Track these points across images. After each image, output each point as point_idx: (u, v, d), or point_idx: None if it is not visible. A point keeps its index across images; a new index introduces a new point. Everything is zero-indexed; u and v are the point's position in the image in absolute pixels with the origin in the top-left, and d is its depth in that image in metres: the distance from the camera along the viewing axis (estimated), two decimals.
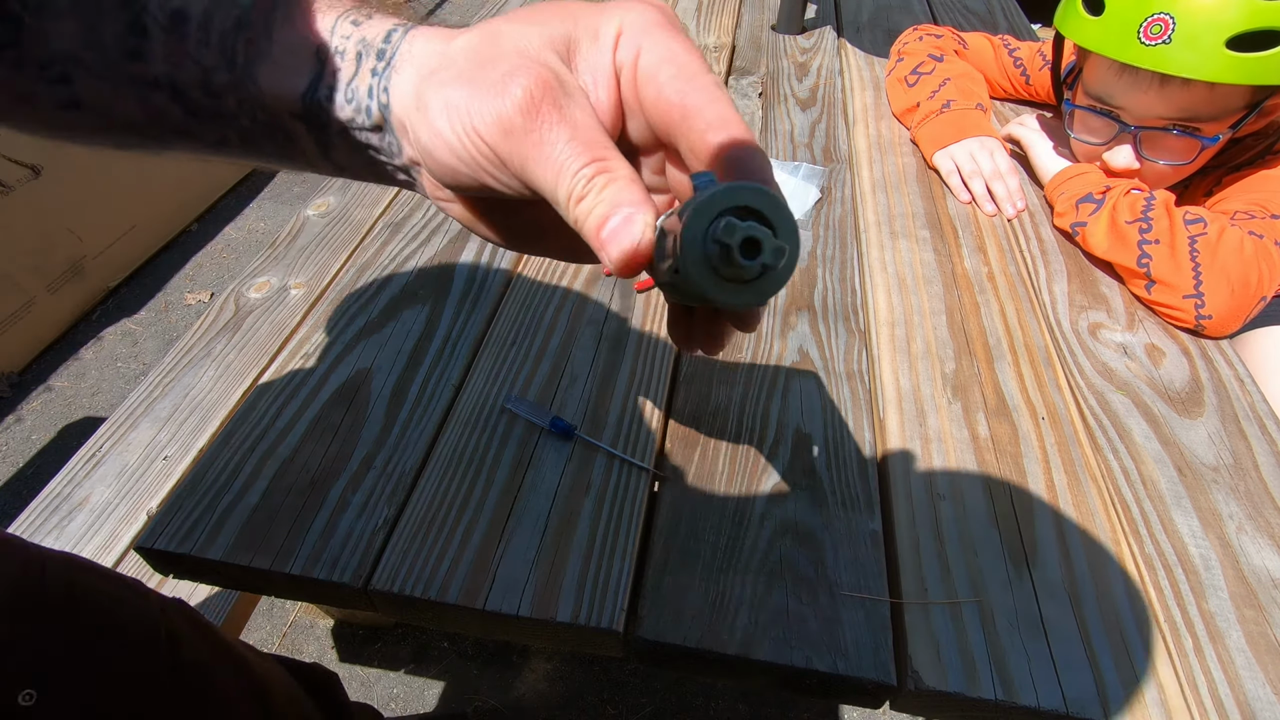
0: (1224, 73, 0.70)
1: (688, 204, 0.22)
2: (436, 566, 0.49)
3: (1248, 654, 0.47)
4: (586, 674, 1.36)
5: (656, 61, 0.25)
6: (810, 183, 0.89)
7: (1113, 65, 0.77)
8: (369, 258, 0.75)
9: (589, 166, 0.24)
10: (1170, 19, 0.70)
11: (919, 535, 0.53)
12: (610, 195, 0.24)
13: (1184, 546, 0.54)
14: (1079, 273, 0.79)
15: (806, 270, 0.77)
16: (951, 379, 0.66)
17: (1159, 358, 0.70)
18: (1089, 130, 0.84)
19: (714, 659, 0.46)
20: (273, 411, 0.59)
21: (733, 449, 0.58)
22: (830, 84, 1.13)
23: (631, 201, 0.23)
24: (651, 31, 0.25)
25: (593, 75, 0.26)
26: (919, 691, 0.44)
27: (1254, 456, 0.61)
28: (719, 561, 0.50)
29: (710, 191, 0.21)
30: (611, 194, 0.24)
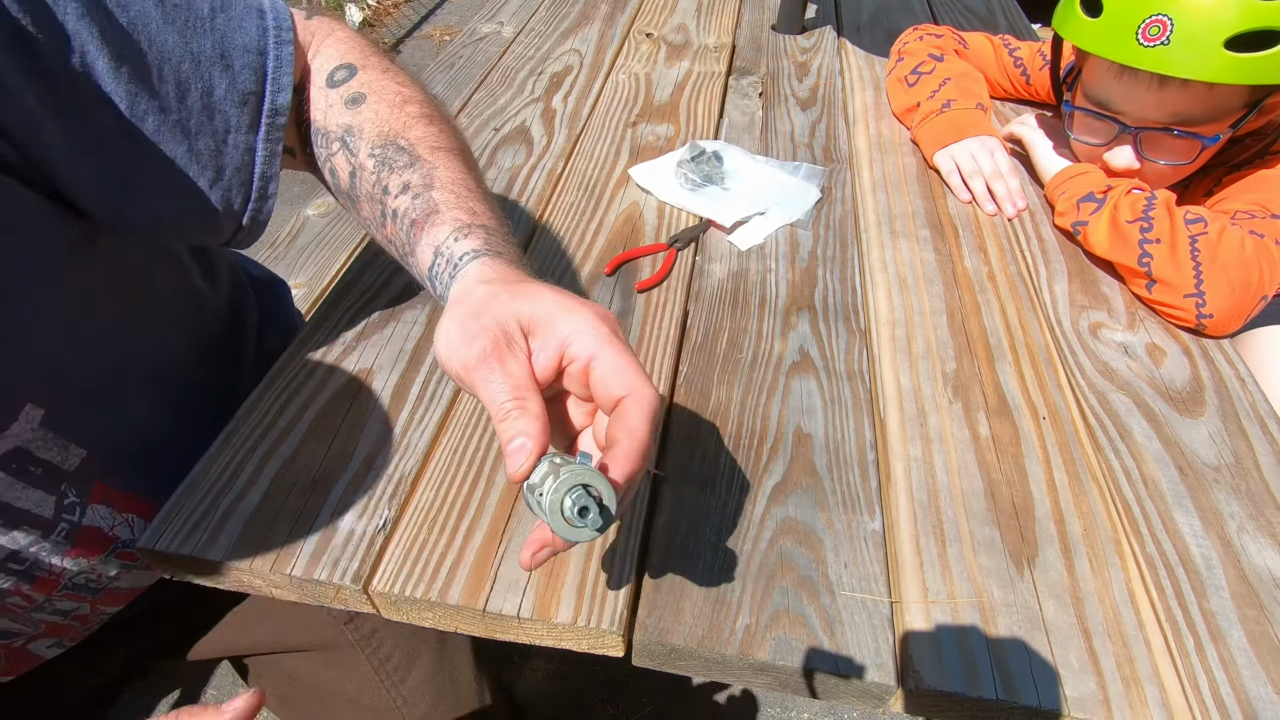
0: (1223, 73, 0.70)
1: (562, 470, 0.35)
2: (438, 567, 0.49)
3: (1249, 653, 0.47)
4: (586, 674, 1.36)
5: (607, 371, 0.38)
6: (810, 183, 0.89)
7: (1111, 66, 0.77)
8: (370, 257, 0.75)
9: (510, 402, 0.37)
10: (1169, 20, 0.70)
11: (920, 535, 0.53)
12: (518, 425, 0.36)
13: (1185, 546, 0.54)
14: (1080, 272, 0.79)
15: (807, 270, 0.77)
16: (952, 379, 0.66)
17: (1160, 357, 0.70)
18: (1089, 131, 0.84)
19: (714, 659, 0.46)
20: (274, 411, 0.59)
21: (733, 449, 0.58)
22: (830, 84, 1.13)
23: (527, 433, 0.36)
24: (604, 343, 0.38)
25: (544, 345, 0.39)
26: (920, 691, 0.44)
27: (1255, 456, 0.61)
28: (720, 561, 0.50)
29: (568, 474, 0.34)
30: (519, 425, 0.36)
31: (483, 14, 1.32)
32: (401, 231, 0.51)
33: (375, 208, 0.53)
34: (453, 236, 0.47)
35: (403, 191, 0.51)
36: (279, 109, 0.51)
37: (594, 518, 0.34)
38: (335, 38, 0.57)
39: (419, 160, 0.52)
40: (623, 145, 0.96)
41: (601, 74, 1.12)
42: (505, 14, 1.31)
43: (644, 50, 1.20)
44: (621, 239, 0.79)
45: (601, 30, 1.26)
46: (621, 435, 0.37)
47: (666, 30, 1.27)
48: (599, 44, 1.21)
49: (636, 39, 1.23)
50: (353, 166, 0.53)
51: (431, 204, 0.49)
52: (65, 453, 0.50)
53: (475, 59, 1.15)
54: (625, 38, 1.23)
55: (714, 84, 1.11)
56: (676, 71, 1.14)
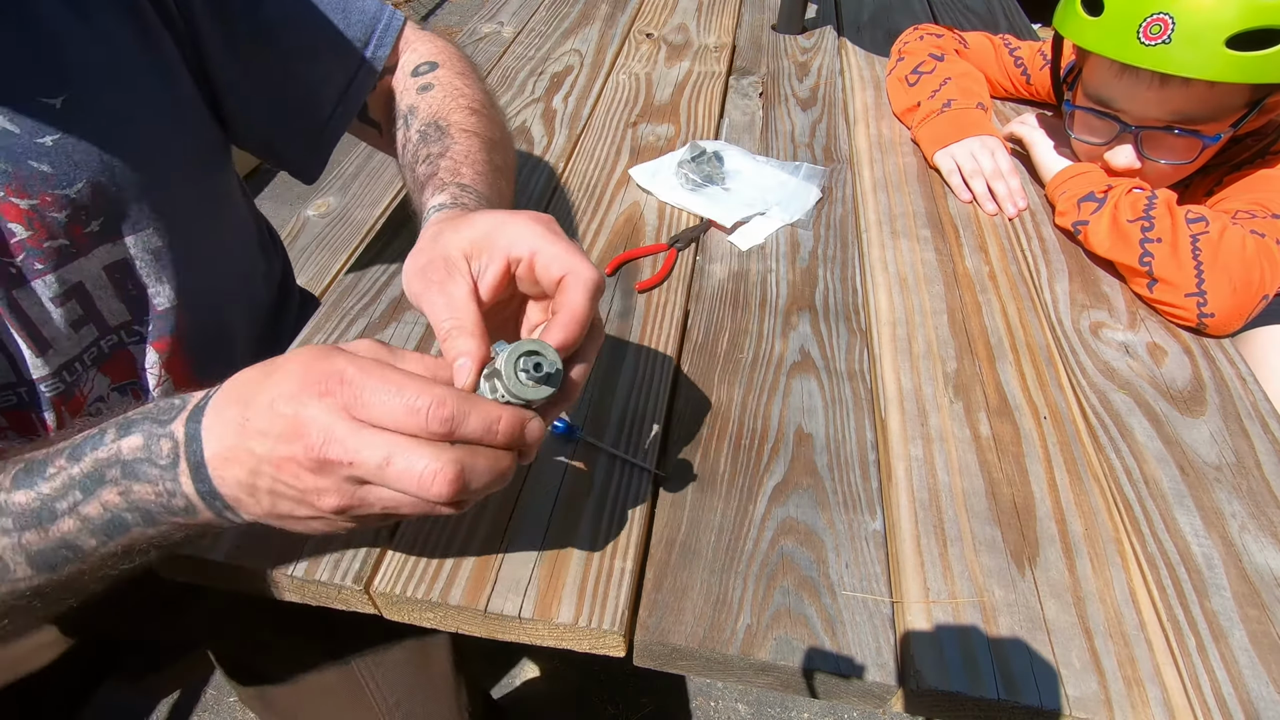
0: (1224, 72, 0.70)
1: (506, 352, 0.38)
2: (439, 568, 0.49)
3: (1251, 653, 0.47)
4: (587, 674, 1.36)
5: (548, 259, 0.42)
6: (811, 182, 0.89)
7: (1112, 65, 0.77)
8: (370, 258, 0.75)
9: (448, 321, 0.40)
10: (1170, 19, 0.70)
11: (921, 535, 0.53)
12: (458, 345, 0.39)
13: (1186, 545, 0.54)
14: (1080, 272, 0.79)
15: (808, 270, 0.77)
16: (953, 378, 0.66)
17: (1161, 356, 0.70)
18: (1090, 130, 0.84)
19: (715, 659, 0.46)
20: None
21: (734, 449, 0.58)
22: (831, 84, 1.13)
23: (466, 351, 0.39)
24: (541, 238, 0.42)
25: (489, 260, 0.43)
26: (921, 691, 0.44)
27: (1256, 455, 0.61)
28: (720, 562, 0.50)
29: (513, 346, 0.38)
30: (458, 344, 0.39)
31: (483, 14, 1.32)
32: (416, 196, 0.60)
33: (411, 175, 0.62)
34: (431, 194, 0.55)
35: (423, 161, 0.60)
36: (376, 61, 0.67)
37: (546, 374, 0.38)
38: (433, 43, 0.71)
39: (446, 137, 0.62)
40: (623, 145, 0.96)
41: (602, 74, 1.12)
42: (505, 14, 1.31)
43: (644, 50, 1.20)
44: (622, 239, 0.79)
45: (602, 30, 1.26)
46: (560, 308, 0.41)
47: (667, 30, 1.27)
48: (599, 44, 1.21)
49: (637, 39, 1.23)
50: (405, 140, 0.65)
51: (434, 170, 0.58)
52: (160, 286, 0.62)
53: (475, 59, 1.15)
54: (625, 38, 1.23)
55: (714, 84, 1.11)
56: (677, 71, 1.14)
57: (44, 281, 0.55)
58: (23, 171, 0.51)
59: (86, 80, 0.53)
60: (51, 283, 0.55)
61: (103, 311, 0.59)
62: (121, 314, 0.61)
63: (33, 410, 0.59)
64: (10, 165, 0.51)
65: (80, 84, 0.53)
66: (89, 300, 0.58)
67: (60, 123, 0.52)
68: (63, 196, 0.53)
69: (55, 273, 0.55)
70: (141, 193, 0.58)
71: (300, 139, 0.69)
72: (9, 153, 0.51)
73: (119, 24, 0.55)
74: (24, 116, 0.51)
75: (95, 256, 0.58)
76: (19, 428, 0.58)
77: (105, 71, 0.55)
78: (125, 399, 0.64)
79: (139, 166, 0.57)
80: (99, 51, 0.54)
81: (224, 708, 1.33)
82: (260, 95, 0.66)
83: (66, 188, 0.53)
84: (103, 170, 0.55)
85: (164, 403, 0.39)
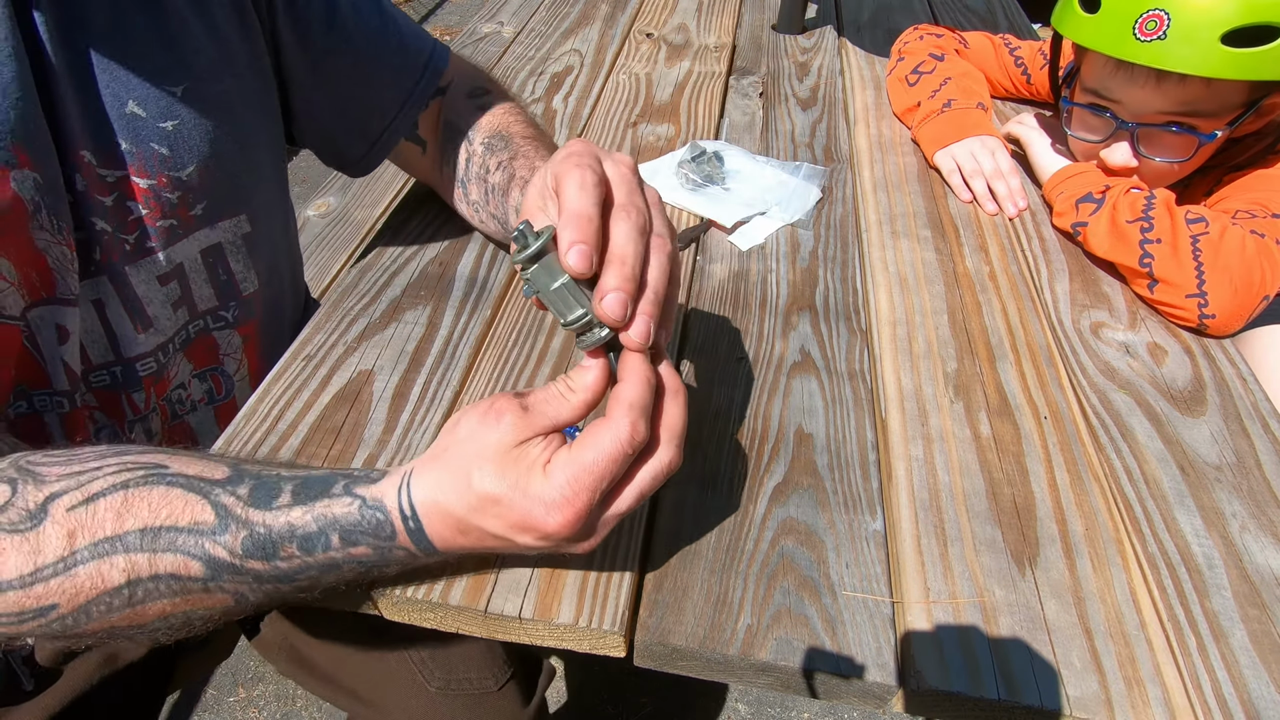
0: (1220, 68, 0.70)
1: None
2: (439, 568, 0.49)
3: (1251, 653, 0.47)
4: (587, 674, 1.36)
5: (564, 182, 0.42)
6: (811, 182, 0.89)
7: (1109, 62, 0.77)
8: (370, 258, 0.75)
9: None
10: (1165, 15, 0.71)
11: (921, 535, 0.53)
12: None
13: (1187, 545, 0.54)
14: (1081, 272, 0.79)
15: (808, 270, 0.77)
16: (953, 378, 0.66)
17: (1161, 356, 0.70)
18: (1087, 128, 0.84)
19: (716, 660, 0.46)
20: (275, 413, 0.59)
21: (734, 449, 0.58)
22: (831, 84, 1.13)
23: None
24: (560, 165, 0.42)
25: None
26: (921, 691, 0.44)
27: (1257, 455, 0.61)
28: (721, 562, 0.50)
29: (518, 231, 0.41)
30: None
31: (483, 14, 1.32)
32: (495, 201, 0.67)
33: (481, 187, 0.69)
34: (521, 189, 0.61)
35: (498, 168, 0.66)
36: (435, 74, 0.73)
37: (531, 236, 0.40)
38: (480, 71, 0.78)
39: (511, 144, 0.68)
40: (623, 146, 0.96)
41: (602, 74, 1.12)
42: (505, 14, 1.31)
43: (644, 50, 1.20)
44: None
45: (602, 30, 1.26)
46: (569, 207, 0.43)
47: (667, 30, 1.27)
48: (599, 44, 1.21)
49: (637, 39, 1.23)
50: (469, 154, 0.70)
51: (512, 173, 0.64)
52: (248, 272, 0.66)
53: (475, 59, 1.15)
54: (625, 38, 1.23)
55: (714, 84, 1.11)
56: (677, 71, 1.14)
57: (153, 259, 0.59)
58: (145, 153, 0.55)
59: (202, 70, 0.58)
60: (160, 260, 0.59)
61: (195, 296, 0.63)
62: (210, 299, 0.65)
63: (124, 390, 0.61)
64: (135, 146, 0.55)
65: (197, 73, 0.57)
66: (186, 282, 0.62)
67: (179, 109, 0.57)
68: (176, 178, 0.58)
69: (164, 251, 0.59)
70: (240, 178, 0.63)
71: (363, 140, 0.73)
72: (135, 135, 0.55)
73: (227, 18, 0.60)
74: (150, 102, 0.55)
75: (196, 239, 0.62)
76: (107, 408, 0.61)
77: (218, 63, 0.59)
78: (205, 385, 0.68)
79: (241, 153, 0.62)
80: (213, 43, 0.59)
81: (224, 708, 1.32)
82: (329, 97, 0.70)
83: (180, 170, 0.58)
84: (211, 155, 0.59)
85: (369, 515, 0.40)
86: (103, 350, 0.59)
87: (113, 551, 0.38)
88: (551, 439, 0.40)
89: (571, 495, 0.37)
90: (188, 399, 0.68)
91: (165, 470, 0.41)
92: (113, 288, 0.58)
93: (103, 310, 0.58)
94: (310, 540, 0.40)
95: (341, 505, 0.40)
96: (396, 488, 0.40)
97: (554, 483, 0.37)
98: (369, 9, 0.69)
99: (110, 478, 0.39)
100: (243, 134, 0.62)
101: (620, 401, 0.39)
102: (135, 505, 0.39)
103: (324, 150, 0.76)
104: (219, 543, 0.39)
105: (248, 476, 0.41)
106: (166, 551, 0.38)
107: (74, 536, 0.38)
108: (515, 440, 0.39)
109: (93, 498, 0.39)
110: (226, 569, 0.39)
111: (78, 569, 0.37)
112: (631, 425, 0.38)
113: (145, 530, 0.38)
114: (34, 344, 0.54)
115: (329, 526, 0.40)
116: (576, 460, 0.37)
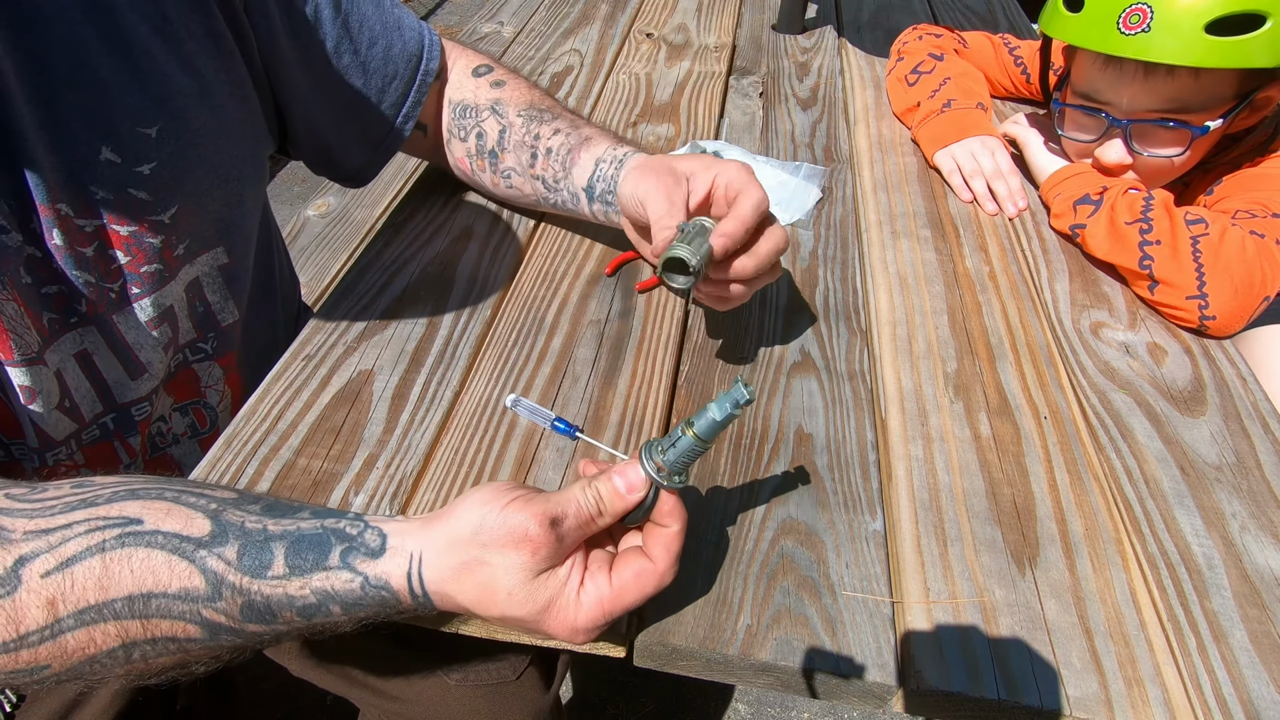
0: (1205, 57, 0.70)
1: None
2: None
3: (1251, 653, 0.47)
4: (587, 674, 1.36)
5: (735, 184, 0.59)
6: (811, 182, 0.89)
7: (1097, 59, 0.77)
8: (370, 258, 0.75)
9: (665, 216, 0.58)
10: (1148, 8, 0.71)
11: (921, 535, 0.53)
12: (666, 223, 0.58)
13: (1187, 545, 0.54)
14: (1080, 272, 0.79)
15: (808, 270, 0.77)
16: (953, 378, 0.66)
17: (1161, 356, 0.70)
18: (1079, 128, 0.84)
19: (716, 660, 0.46)
20: (275, 413, 0.59)
21: (734, 449, 0.58)
22: (831, 84, 1.13)
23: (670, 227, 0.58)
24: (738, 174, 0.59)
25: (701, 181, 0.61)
26: (921, 691, 0.44)
27: (1256, 455, 0.61)
28: (721, 562, 0.50)
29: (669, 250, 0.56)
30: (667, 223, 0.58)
31: (483, 14, 1.32)
32: (556, 161, 0.69)
33: (525, 152, 0.71)
34: (612, 147, 0.67)
35: (555, 134, 0.70)
36: (430, 71, 0.72)
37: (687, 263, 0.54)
38: (471, 51, 0.78)
39: (562, 115, 0.71)
40: None
41: (602, 74, 1.12)
42: (505, 14, 1.31)
43: (644, 50, 1.20)
44: (622, 239, 0.79)
45: (602, 30, 1.26)
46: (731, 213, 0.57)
47: (667, 30, 1.27)
48: (599, 44, 1.21)
49: (637, 39, 1.23)
50: (503, 125, 0.72)
51: (585, 135, 0.69)
52: (226, 303, 0.65)
53: None
54: (625, 38, 1.23)
55: (714, 84, 1.11)
56: (677, 71, 1.14)
57: (141, 305, 0.58)
58: (123, 199, 0.53)
59: (177, 108, 0.55)
60: (148, 306, 0.58)
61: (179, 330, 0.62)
62: (189, 332, 0.64)
63: (118, 437, 0.61)
64: (112, 194, 0.53)
65: (172, 112, 0.55)
66: (175, 322, 0.62)
67: (155, 151, 0.54)
68: (157, 221, 0.56)
69: (151, 296, 0.58)
70: (220, 213, 0.61)
71: (363, 148, 0.74)
72: (112, 182, 0.52)
73: (202, 49, 0.57)
74: (125, 146, 0.53)
75: (180, 278, 0.60)
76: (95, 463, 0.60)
77: (193, 98, 0.56)
78: (187, 418, 0.67)
79: (220, 188, 0.61)
80: (187, 79, 0.56)
81: None
82: (327, 107, 0.69)
83: (161, 213, 0.56)
84: (191, 194, 0.58)
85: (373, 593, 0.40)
86: (92, 403, 0.58)
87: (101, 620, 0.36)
88: (578, 556, 0.41)
89: (601, 622, 0.40)
90: (169, 431, 0.67)
91: (140, 527, 0.38)
92: (101, 337, 0.56)
93: (89, 361, 0.57)
94: (310, 609, 0.39)
95: (341, 580, 0.39)
96: (405, 572, 0.39)
97: (586, 614, 0.40)
98: (370, 10, 0.68)
99: (83, 539, 0.37)
100: (223, 168, 0.60)
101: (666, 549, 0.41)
102: (116, 572, 0.37)
103: (320, 161, 0.75)
104: (215, 609, 0.38)
105: (231, 532, 0.39)
106: (160, 618, 0.37)
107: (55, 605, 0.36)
108: (546, 566, 0.40)
109: (68, 563, 0.36)
110: (225, 631, 0.38)
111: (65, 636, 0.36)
112: (671, 572, 0.41)
113: (132, 597, 0.37)
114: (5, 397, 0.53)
115: (329, 600, 0.39)
116: (614, 598, 0.40)
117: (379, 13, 0.69)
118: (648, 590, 0.41)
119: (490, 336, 0.67)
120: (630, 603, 0.40)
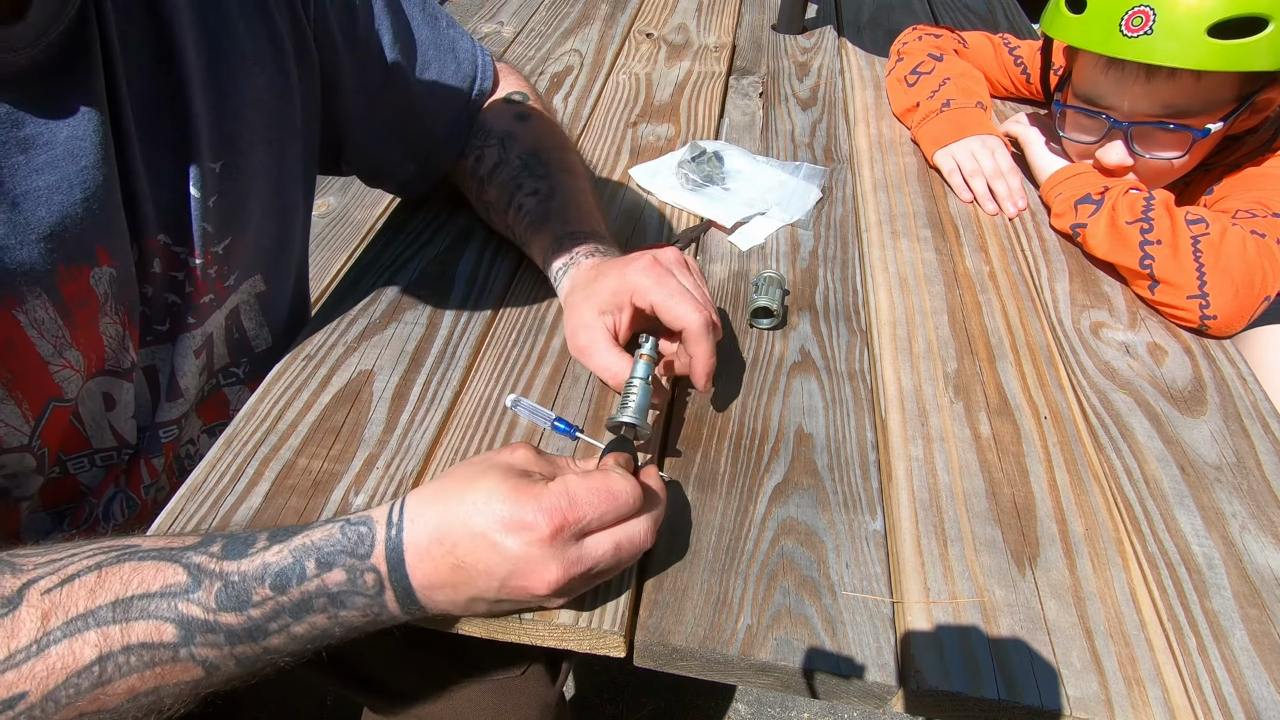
0: (1207, 60, 0.70)
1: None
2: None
3: (1251, 653, 0.47)
4: (587, 674, 1.36)
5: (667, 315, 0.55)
6: (811, 182, 0.89)
7: (1099, 62, 0.77)
8: (370, 258, 0.75)
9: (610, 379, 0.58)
10: (1150, 10, 0.71)
11: (921, 535, 0.53)
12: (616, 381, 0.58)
13: (1187, 545, 0.54)
14: (1081, 271, 0.79)
15: (808, 270, 0.77)
16: (953, 378, 0.66)
17: (1161, 356, 0.70)
18: (1080, 129, 0.84)
19: (716, 660, 0.46)
20: (275, 413, 0.59)
21: (734, 449, 0.58)
22: (831, 84, 1.13)
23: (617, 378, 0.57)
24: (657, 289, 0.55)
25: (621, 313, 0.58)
26: (921, 691, 0.44)
27: (1257, 455, 0.61)
28: (721, 562, 0.50)
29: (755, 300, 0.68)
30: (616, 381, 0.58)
31: (483, 14, 1.32)
32: (520, 225, 0.69)
33: (505, 195, 0.71)
34: (553, 249, 0.65)
35: (531, 194, 0.69)
36: (484, 93, 0.75)
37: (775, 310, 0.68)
38: (516, 74, 0.81)
39: (550, 174, 0.70)
40: (623, 146, 0.96)
41: (602, 74, 1.12)
42: (505, 14, 1.31)
43: (644, 50, 1.20)
44: (622, 239, 0.79)
45: (602, 30, 1.26)
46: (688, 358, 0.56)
47: (667, 30, 1.27)
48: (599, 44, 1.21)
49: (637, 39, 1.23)
50: (500, 160, 0.72)
51: (547, 213, 0.68)
52: (260, 332, 0.67)
53: None
54: (625, 38, 1.23)
55: (714, 84, 1.11)
56: (677, 71, 1.14)
57: (191, 334, 0.60)
58: (197, 231, 0.56)
59: (240, 143, 0.57)
60: (197, 335, 0.61)
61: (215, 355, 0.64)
62: (223, 358, 0.66)
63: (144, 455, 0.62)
64: (194, 225, 0.56)
65: (237, 147, 0.57)
66: (212, 349, 0.63)
67: (218, 185, 0.56)
68: (215, 253, 0.58)
69: (200, 326, 0.60)
70: (265, 244, 0.63)
71: (415, 164, 0.76)
72: (194, 214, 0.55)
73: (270, 82, 0.58)
74: (199, 181, 0.55)
75: (224, 308, 0.62)
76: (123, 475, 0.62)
77: (255, 133, 0.58)
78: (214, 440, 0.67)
79: (271, 221, 0.63)
80: (252, 114, 0.58)
81: None
82: (383, 126, 0.71)
83: (218, 245, 0.58)
84: (244, 227, 0.60)
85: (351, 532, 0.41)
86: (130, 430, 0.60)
87: (85, 628, 0.37)
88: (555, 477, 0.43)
89: (566, 506, 0.40)
90: (196, 454, 0.68)
91: (137, 547, 0.40)
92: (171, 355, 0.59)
93: (155, 377, 0.60)
94: (285, 574, 0.39)
95: (321, 531, 0.40)
96: (386, 508, 0.42)
97: (552, 491, 0.41)
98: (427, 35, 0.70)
99: (84, 560, 0.38)
100: (276, 204, 0.62)
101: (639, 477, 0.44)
102: (108, 581, 0.38)
103: (373, 175, 0.78)
104: (192, 600, 0.38)
105: (220, 537, 0.41)
106: (138, 619, 0.37)
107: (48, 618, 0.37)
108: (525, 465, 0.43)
109: (68, 579, 0.38)
110: (199, 627, 0.38)
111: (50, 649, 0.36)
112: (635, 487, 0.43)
113: (117, 602, 0.37)
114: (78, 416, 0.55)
115: (305, 554, 0.39)
116: (574, 483, 0.41)
117: (434, 35, 0.71)
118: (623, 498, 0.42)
119: (490, 336, 0.67)
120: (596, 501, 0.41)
